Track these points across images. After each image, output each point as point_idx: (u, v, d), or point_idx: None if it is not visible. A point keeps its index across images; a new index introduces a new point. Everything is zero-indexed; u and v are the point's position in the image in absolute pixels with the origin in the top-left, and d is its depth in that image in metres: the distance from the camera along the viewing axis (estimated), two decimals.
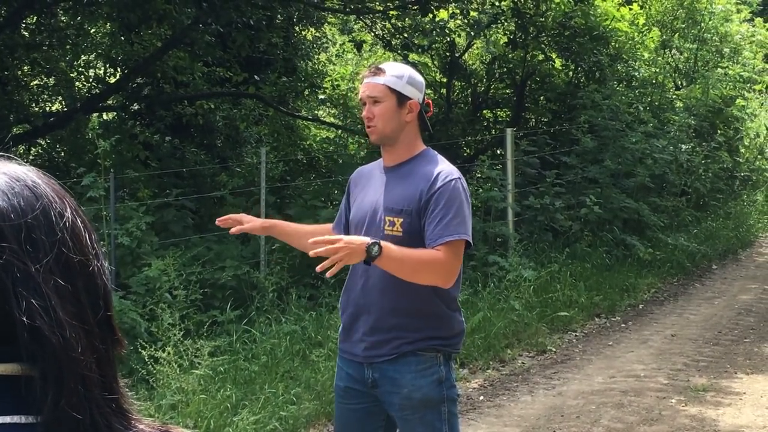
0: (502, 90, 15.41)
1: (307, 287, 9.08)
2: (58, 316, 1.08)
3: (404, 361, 3.62)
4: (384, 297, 3.63)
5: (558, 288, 9.93)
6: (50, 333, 1.07)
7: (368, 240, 3.33)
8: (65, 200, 1.17)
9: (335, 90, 16.08)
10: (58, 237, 1.12)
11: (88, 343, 1.11)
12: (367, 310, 3.69)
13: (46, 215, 1.12)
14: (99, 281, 1.16)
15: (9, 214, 1.10)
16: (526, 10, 13.32)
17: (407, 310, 3.62)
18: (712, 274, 12.32)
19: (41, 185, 1.15)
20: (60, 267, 1.11)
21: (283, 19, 13.74)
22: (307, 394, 6.75)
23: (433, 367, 3.64)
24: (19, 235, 1.09)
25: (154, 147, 11.84)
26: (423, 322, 3.62)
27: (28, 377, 1.09)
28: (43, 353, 1.07)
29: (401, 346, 3.62)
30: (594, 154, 12.92)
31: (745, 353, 8.51)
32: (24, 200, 1.12)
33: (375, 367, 3.68)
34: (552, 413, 6.87)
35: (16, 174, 1.15)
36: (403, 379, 3.62)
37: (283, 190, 11.42)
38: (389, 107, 3.64)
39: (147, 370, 6.62)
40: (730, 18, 18.10)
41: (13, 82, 12.20)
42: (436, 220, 3.51)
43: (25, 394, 1.09)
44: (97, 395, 1.11)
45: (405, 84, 3.66)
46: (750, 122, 19.01)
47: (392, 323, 3.63)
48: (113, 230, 8.06)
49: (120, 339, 1.19)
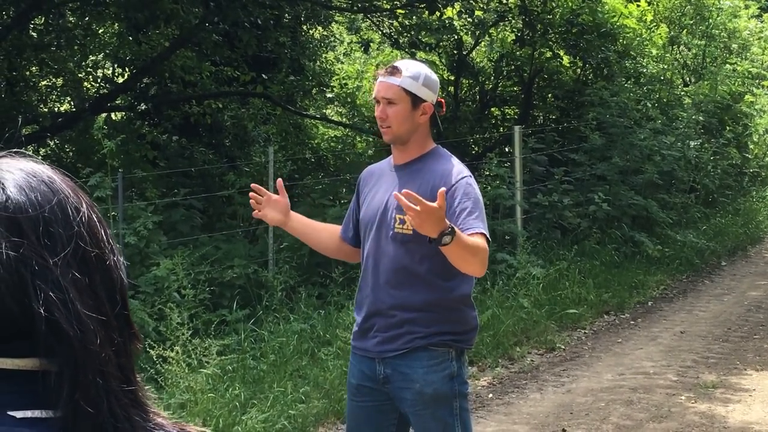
0: (510, 87, 15.40)
1: (316, 286, 9.08)
2: (76, 308, 1.09)
3: (416, 355, 3.61)
4: (396, 292, 3.63)
5: (567, 285, 9.92)
6: (68, 326, 1.08)
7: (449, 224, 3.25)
8: (80, 196, 1.18)
9: (343, 89, 16.10)
10: (75, 230, 1.13)
11: (106, 336, 1.11)
12: (380, 306, 3.67)
13: (63, 209, 1.13)
14: (115, 275, 1.17)
15: (27, 208, 1.11)
16: (534, 7, 13.30)
17: (419, 305, 3.61)
18: (721, 271, 12.29)
19: (57, 181, 1.16)
20: (77, 260, 1.12)
21: (291, 18, 13.75)
22: (316, 392, 6.75)
23: (445, 362, 3.62)
24: (37, 228, 1.10)
25: (162, 147, 11.86)
26: (435, 317, 3.61)
27: (46, 371, 1.09)
28: (61, 346, 1.08)
29: (413, 341, 3.61)
30: (602, 151, 12.90)
31: (755, 350, 8.49)
32: (41, 194, 1.13)
33: (387, 362, 3.67)
34: (561, 411, 6.86)
35: (33, 170, 1.16)
36: (415, 374, 3.61)
37: (292, 189, 11.41)
38: (404, 109, 3.62)
39: (156, 369, 6.63)
40: (738, 14, 18.07)
41: (21, 82, 12.24)
42: (464, 212, 3.49)
43: (43, 389, 1.09)
44: (116, 387, 1.11)
45: (420, 86, 3.63)
46: (759, 118, 18.97)
47: (404, 318, 3.62)
48: (121, 230, 8.07)
49: (136, 333, 1.20)
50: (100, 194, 7.96)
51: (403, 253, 3.59)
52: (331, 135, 15.40)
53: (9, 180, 1.13)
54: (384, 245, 3.64)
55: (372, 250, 3.68)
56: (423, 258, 3.57)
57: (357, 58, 17.75)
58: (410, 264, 3.59)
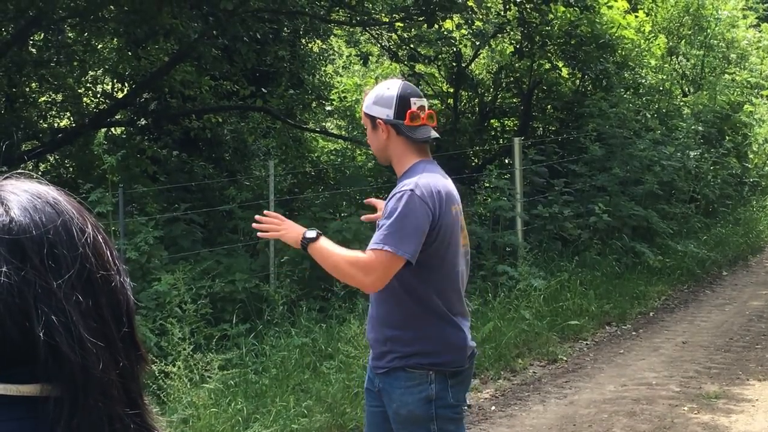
0: (510, 99, 15.41)
1: (317, 299, 9.08)
2: (79, 332, 1.08)
3: (395, 375, 3.63)
4: (381, 308, 3.67)
5: (568, 297, 9.91)
6: (69, 350, 1.07)
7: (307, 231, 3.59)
8: (86, 217, 1.17)
9: (342, 102, 16.11)
10: (79, 252, 1.12)
11: (111, 359, 1.11)
12: (372, 321, 3.75)
13: (68, 231, 1.12)
14: (122, 296, 1.16)
15: (31, 230, 1.10)
16: (532, 19, 13.32)
17: (398, 323, 3.62)
18: (722, 281, 12.28)
19: (62, 202, 1.16)
20: (82, 282, 1.11)
21: (290, 32, 13.78)
22: (318, 406, 6.73)
23: (422, 384, 3.59)
24: (41, 250, 1.09)
25: (162, 161, 11.87)
26: (413, 336, 3.59)
27: (46, 398, 1.08)
28: (61, 371, 1.07)
29: (393, 361, 3.63)
30: (602, 162, 12.91)
31: (757, 359, 8.48)
32: (45, 216, 1.12)
33: (378, 377, 3.74)
34: (564, 422, 6.85)
35: (38, 191, 1.16)
36: (393, 394, 3.63)
37: (292, 202, 11.44)
38: (369, 132, 3.75)
39: (158, 384, 6.63)
40: (736, 24, 18.11)
41: (21, 98, 12.26)
42: (380, 228, 3.53)
43: (43, 414, 1.08)
44: (120, 411, 1.10)
45: (372, 105, 3.70)
46: (758, 128, 18.98)
47: (387, 335, 3.65)
48: (122, 245, 8.07)
49: (144, 355, 1.18)
50: (100, 210, 7.97)
51: None
52: (331, 148, 15.41)
53: (13, 201, 1.13)
54: None
55: None
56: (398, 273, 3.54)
57: (356, 71, 17.78)
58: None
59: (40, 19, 10.46)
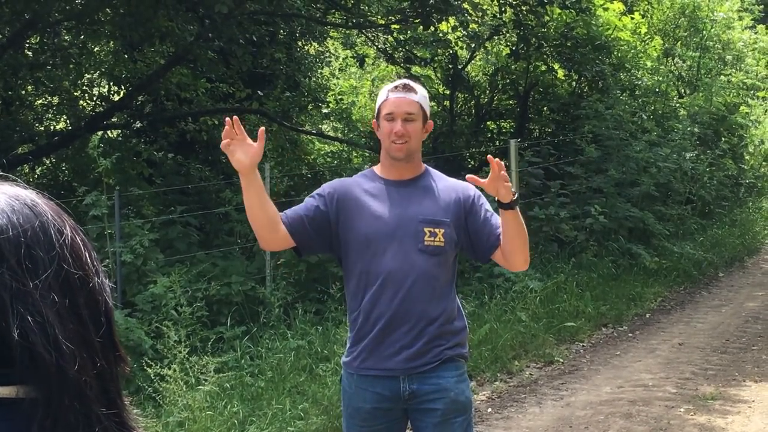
0: (506, 101, 15.43)
1: (313, 302, 9.07)
2: (54, 333, 1.07)
3: (446, 366, 3.65)
4: (426, 305, 3.62)
5: (564, 298, 9.92)
6: (44, 350, 1.06)
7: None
8: (64, 218, 1.17)
9: (338, 104, 16.11)
10: (57, 253, 1.12)
11: (89, 360, 1.10)
12: (406, 320, 3.61)
13: (45, 232, 1.12)
14: (100, 297, 1.15)
15: (8, 230, 1.10)
16: (528, 21, 13.33)
17: (445, 318, 3.66)
18: (718, 282, 12.29)
19: (40, 204, 1.15)
20: (59, 283, 1.11)
21: (286, 34, 13.78)
22: (315, 408, 6.73)
23: (465, 373, 3.75)
24: (18, 251, 1.09)
25: (158, 164, 11.86)
26: (454, 330, 3.70)
27: (21, 399, 1.08)
28: (37, 371, 1.07)
29: (443, 353, 3.65)
30: (598, 164, 12.92)
31: (753, 361, 8.48)
32: (23, 217, 1.12)
33: (415, 377, 3.62)
34: (560, 424, 6.85)
35: (16, 193, 1.15)
36: (448, 384, 3.64)
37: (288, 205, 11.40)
38: (420, 126, 3.69)
39: (153, 387, 6.62)
40: (732, 25, 18.13)
41: (17, 101, 12.25)
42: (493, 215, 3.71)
43: (19, 416, 1.08)
44: (97, 411, 1.10)
45: (428, 104, 3.77)
46: (754, 129, 19.01)
47: (434, 331, 3.64)
48: (118, 248, 8.07)
49: (123, 356, 1.18)
50: (96, 212, 7.96)
51: (433, 265, 3.61)
52: (327, 150, 15.41)
53: None
54: (413, 258, 3.60)
55: (396, 264, 3.59)
56: (447, 269, 3.68)
57: (352, 73, 17.77)
58: (439, 274, 3.64)
59: (36, 22, 10.46)
